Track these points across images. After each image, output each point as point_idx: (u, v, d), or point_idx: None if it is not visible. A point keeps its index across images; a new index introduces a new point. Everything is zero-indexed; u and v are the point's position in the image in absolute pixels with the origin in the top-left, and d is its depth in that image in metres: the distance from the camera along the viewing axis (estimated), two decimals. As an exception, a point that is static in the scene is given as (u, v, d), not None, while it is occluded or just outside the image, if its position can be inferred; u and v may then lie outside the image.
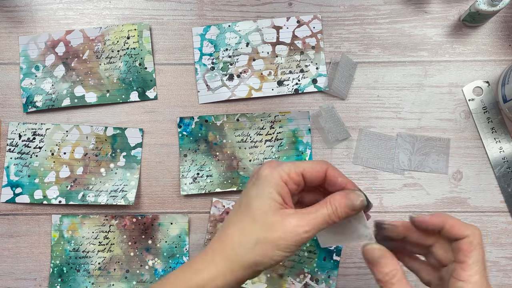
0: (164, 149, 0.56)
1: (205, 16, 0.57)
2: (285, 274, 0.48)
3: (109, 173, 0.55)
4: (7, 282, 0.55)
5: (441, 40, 0.57)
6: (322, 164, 0.39)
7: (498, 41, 0.57)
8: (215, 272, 0.37)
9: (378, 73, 0.57)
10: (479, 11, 0.52)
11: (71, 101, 0.56)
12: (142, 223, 0.55)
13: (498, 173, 0.55)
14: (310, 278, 0.48)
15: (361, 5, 0.57)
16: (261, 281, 0.47)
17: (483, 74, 0.57)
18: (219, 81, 0.56)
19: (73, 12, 0.57)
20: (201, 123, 0.55)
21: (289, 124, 0.56)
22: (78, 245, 0.54)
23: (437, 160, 0.55)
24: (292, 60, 0.56)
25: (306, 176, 0.39)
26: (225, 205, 0.48)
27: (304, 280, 0.48)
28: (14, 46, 0.57)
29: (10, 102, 0.56)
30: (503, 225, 0.55)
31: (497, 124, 0.56)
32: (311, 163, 0.39)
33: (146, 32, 0.56)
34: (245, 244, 0.37)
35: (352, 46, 0.57)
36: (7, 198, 0.55)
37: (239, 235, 0.38)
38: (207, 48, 0.57)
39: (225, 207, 0.51)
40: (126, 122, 0.56)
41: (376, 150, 0.56)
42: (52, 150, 0.55)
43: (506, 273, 0.55)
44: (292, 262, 0.48)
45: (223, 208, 0.45)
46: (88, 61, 0.56)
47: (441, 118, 0.56)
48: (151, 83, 0.56)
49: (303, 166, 0.39)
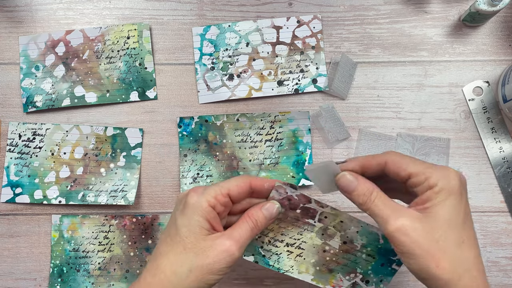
0: (164, 149, 0.56)
1: (205, 16, 0.57)
2: (335, 270, 0.45)
3: (109, 173, 0.55)
4: (7, 282, 0.55)
5: (441, 40, 0.57)
6: (244, 178, 0.41)
7: (498, 41, 0.57)
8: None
9: (378, 73, 0.57)
10: (479, 11, 0.52)
11: (71, 101, 0.56)
12: (142, 223, 0.55)
13: (498, 173, 0.55)
14: (360, 279, 0.45)
15: (361, 5, 0.57)
16: (309, 272, 0.45)
17: (483, 74, 0.57)
18: (219, 81, 0.56)
19: (73, 12, 0.57)
20: (201, 123, 0.56)
21: (289, 124, 0.56)
22: (78, 245, 0.54)
23: (437, 160, 0.55)
24: (292, 60, 0.56)
25: (232, 195, 0.40)
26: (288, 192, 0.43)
27: (354, 279, 0.45)
28: (14, 46, 0.57)
29: (10, 102, 0.56)
30: (503, 225, 0.55)
31: (497, 124, 0.56)
32: (234, 181, 0.40)
33: (146, 32, 0.56)
34: (180, 274, 0.38)
35: (352, 46, 0.57)
36: (7, 198, 0.55)
37: (171, 265, 0.39)
38: (207, 48, 0.57)
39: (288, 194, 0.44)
40: (126, 122, 0.56)
41: (376, 150, 0.55)
42: (52, 150, 0.55)
43: (506, 273, 0.55)
44: (347, 260, 0.45)
45: (285, 194, 0.42)
46: (88, 61, 0.56)
47: (441, 118, 0.56)
48: (151, 83, 0.56)
49: (227, 186, 0.40)
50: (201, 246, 0.38)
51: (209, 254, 0.38)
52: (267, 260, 0.45)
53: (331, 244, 0.44)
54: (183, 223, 0.39)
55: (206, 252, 0.38)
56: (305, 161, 0.55)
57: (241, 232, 0.39)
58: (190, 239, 0.38)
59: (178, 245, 0.39)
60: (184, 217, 0.39)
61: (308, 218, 0.43)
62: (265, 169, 0.55)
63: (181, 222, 0.39)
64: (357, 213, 0.50)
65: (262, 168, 0.55)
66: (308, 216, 0.43)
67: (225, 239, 0.38)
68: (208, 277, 0.38)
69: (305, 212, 0.43)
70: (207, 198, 0.39)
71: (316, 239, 0.44)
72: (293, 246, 0.44)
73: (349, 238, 0.44)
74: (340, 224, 0.44)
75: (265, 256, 0.45)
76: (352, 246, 0.44)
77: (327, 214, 0.43)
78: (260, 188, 0.41)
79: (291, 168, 0.55)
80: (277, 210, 0.41)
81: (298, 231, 0.44)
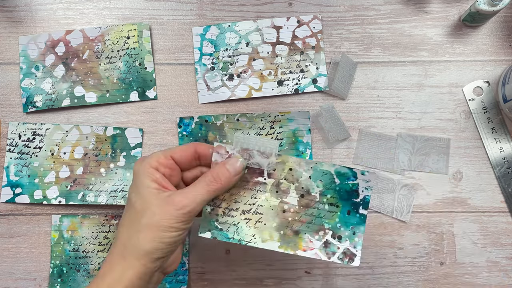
0: (164, 149, 0.56)
1: (205, 16, 0.57)
2: (301, 231, 0.42)
3: (109, 173, 0.55)
4: (7, 282, 0.55)
5: (441, 40, 0.57)
6: (189, 144, 0.42)
7: (498, 41, 0.57)
8: (117, 273, 0.38)
9: (378, 73, 0.57)
10: (479, 11, 0.52)
11: (71, 101, 0.56)
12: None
13: (498, 173, 0.55)
14: (331, 235, 0.42)
15: (361, 5, 0.57)
16: (273, 239, 0.42)
17: (483, 74, 0.57)
18: (219, 81, 0.56)
19: (73, 12, 0.57)
20: (201, 123, 0.55)
21: (289, 124, 0.55)
22: (78, 245, 0.54)
23: (437, 160, 0.55)
24: (292, 60, 0.56)
25: (176, 158, 0.41)
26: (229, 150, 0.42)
27: (325, 237, 0.42)
28: (14, 46, 0.57)
29: (10, 102, 0.56)
30: (503, 225, 0.55)
31: (497, 124, 0.56)
32: (178, 146, 0.42)
33: (146, 32, 0.56)
34: (132, 237, 0.38)
35: (352, 46, 0.57)
36: (7, 198, 0.55)
37: (127, 231, 0.39)
38: (207, 48, 0.57)
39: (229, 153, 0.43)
40: (126, 122, 0.56)
41: (376, 150, 0.55)
42: (52, 150, 0.55)
43: (506, 273, 0.55)
44: (310, 216, 0.42)
45: (226, 154, 0.41)
46: (88, 61, 0.56)
47: (441, 118, 0.56)
48: (151, 83, 0.56)
49: (171, 150, 0.41)
50: (148, 206, 0.38)
51: (156, 211, 0.38)
52: (226, 233, 0.42)
53: (289, 201, 0.42)
54: (131, 190, 0.40)
55: (152, 209, 0.38)
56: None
57: (196, 188, 0.39)
58: (138, 202, 0.39)
59: (131, 212, 0.39)
60: (132, 184, 0.40)
61: (257, 176, 0.42)
62: (265, 169, 0.55)
63: (130, 190, 0.40)
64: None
65: (262, 168, 0.55)
66: (257, 173, 0.42)
67: (175, 196, 0.38)
68: (160, 234, 0.38)
69: (252, 170, 0.41)
70: (149, 161, 0.40)
71: (272, 199, 0.42)
72: (250, 212, 0.42)
73: (304, 189, 0.42)
74: (290, 173, 0.42)
75: (222, 230, 0.42)
76: (311, 197, 0.42)
77: (274, 165, 0.41)
78: (205, 153, 0.42)
79: (291, 168, 0.55)
80: (241, 164, 0.41)
81: (251, 194, 0.42)
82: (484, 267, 0.55)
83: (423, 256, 0.55)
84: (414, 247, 0.55)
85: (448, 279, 0.55)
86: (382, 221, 0.55)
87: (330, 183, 0.42)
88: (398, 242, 0.55)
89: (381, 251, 0.55)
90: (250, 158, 0.41)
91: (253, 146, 0.42)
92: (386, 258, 0.55)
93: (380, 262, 0.55)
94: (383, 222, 0.55)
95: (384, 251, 0.55)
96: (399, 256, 0.55)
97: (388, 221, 0.55)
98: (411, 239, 0.55)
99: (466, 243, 0.55)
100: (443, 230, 0.55)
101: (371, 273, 0.55)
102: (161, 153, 0.41)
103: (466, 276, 0.55)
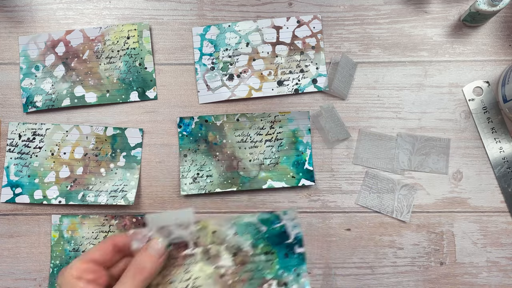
0: (164, 149, 0.56)
1: (205, 16, 0.57)
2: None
3: (109, 173, 0.55)
4: (7, 282, 0.55)
5: (441, 40, 0.57)
6: (106, 240, 0.40)
7: (498, 41, 0.57)
8: None
9: (378, 73, 0.57)
10: (479, 11, 0.52)
11: (71, 101, 0.56)
12: (142, 223, 0.55)
13: (498, 173, 0.55)
14: (276, 284, 0.40)
15: (361, 5, 0.57)
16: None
17: (483, 74, 0.57)
18: (219, 81, 0.56)
19: (73, 12, 0.57)
20: (201, 123, 0.55)
21: (289, 124, 0.56)
22: (78, 245, 0.54)
23: (437, 160, 0.55)
24: (292, 60, 0.56)
25: (96, 259, 0.39)
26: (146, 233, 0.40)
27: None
28: (14, 46, 0.57)
29: (10, 102, 0.56)
30: (503, 225, 0.55)
31: (497, 124, 0.56)
32: (96, 246, 0.40)
33: (146, 32, 0.56)
34: None
35: (352, 46, 0.57)
36: (7, 198, 0.55)
37: None
38: (207, 48, 0.57)
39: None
40: (126, 122, 0.56)
41: (376, 150, 0.55)
42: (52, 150, 0.55)
43: (506, 273, 0.55)
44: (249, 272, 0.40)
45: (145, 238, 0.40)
46: (88, 61, 0.56)
47: (441, 118, 0.56)
48: (151, 83, 0.56)
49: (89, 253, 0.39)
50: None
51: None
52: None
53: (224, 264, 0.40)
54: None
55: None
56: (305, 161, 0.55)
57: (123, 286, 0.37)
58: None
59: None
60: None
61: (184, 250, 0.40)
62: (265, 169, 0.55)
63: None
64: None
65: (262, 168, 0.55)
66: (182, 247, 0.40)
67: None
68: None
69: (176, 245, 0.40)
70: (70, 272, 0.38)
71: (206, 268, 0.40)
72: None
73: (235, 246, 0.40)
74: (215, 236, 0.40)
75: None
76: (244, 253, 0.40)
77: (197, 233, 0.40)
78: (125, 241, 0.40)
79: (291, 168, 0.55)
80: (162, 244, 0.39)
81: (183, 270, 0.40)
82: (484, 267, 0.55)
83: (423, 256, 0.55)
84: (414, 247, 0.55)
85: (448, 279, 0.55)
86: (382, 221, 0.55)
87: (258, 233, 0.41)
88: (398, 242, 0.55)
89: (381, 251, 0.55)
90: (170, 234, 0.40)
91: (169, 222, 0.40)
92: (386, 258, 0.55)
93: (380, 262, 0.55)
94: (383, 222, 0.55)
95: (384, 251, 0.55)
96: (399, 256, 0.55)
97: (388, 221, 0.55)
98: (411, 239, 0.55)
99: (466, 243, 0.55)
100: (443, 230, 0.55)
101: (371, 273, 0.55)
102: (79, 260, 0.39)
103: (466, 276, 0.55)
